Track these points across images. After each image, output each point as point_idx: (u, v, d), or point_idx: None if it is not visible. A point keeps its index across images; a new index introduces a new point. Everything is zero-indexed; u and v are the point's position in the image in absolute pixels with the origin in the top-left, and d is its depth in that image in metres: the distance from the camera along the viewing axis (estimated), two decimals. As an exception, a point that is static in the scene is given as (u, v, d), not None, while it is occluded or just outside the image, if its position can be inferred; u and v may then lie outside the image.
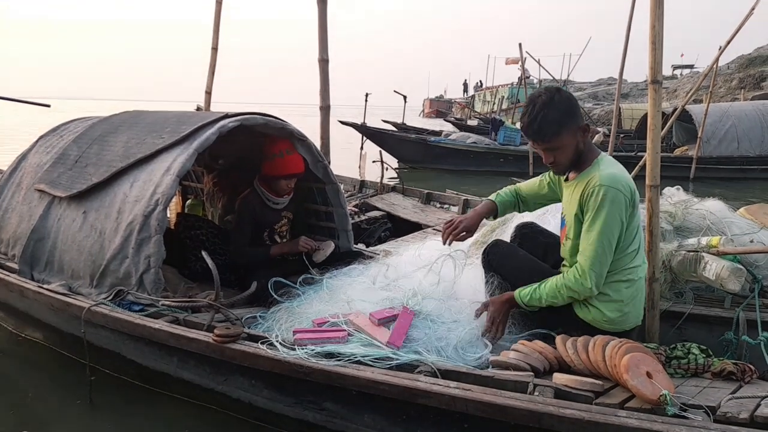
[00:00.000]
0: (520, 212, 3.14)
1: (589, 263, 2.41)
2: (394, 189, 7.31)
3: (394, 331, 2.47)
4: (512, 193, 2.97)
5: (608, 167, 2.49)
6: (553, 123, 2.44)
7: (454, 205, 6.63)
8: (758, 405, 1.90)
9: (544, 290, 2.52)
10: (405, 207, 6.66)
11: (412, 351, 2.39)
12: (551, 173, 2.84)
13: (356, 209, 6.26)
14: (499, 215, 2.98)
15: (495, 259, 2.80)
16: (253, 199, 3.71)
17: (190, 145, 3.18)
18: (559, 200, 2.86)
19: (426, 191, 7.03)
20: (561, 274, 2.54)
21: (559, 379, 2.11)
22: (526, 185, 2.99)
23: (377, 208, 6.49)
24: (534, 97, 2.53)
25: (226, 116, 3.35)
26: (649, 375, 1.99)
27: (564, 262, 2.72)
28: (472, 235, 2.89)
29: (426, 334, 2.52)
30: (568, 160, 2.54)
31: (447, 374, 2.22)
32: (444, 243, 2.84)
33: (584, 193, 2.46)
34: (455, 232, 2.79)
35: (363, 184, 7.70)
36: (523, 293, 2.56)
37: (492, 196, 2.97)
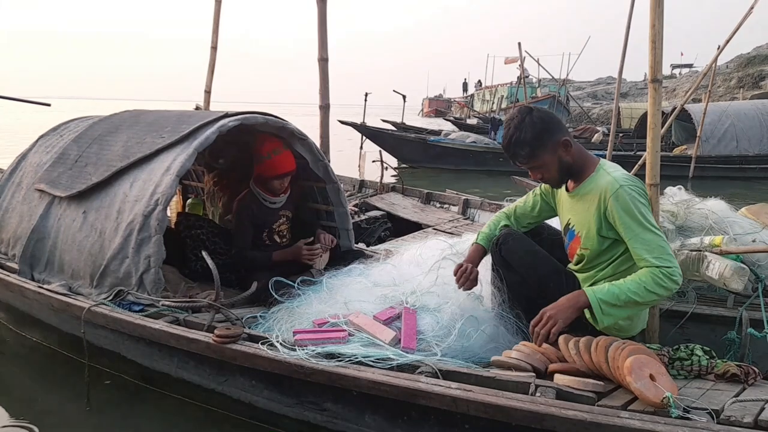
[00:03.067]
0: None
1: (668, 257, 2.28)
2: (393, 188, 7.30)
3: (404, 334, 2.46)
4: (496, 225, 2.89)
5: (616, 170, 2.47)
6: (524, 145, 2.46)
7: (453, 205, 6.62)
8: (762, 409, 1.90)
9: (626, 285, 2.29)
10: (405, 206, 6.64)
11: (422, 346, 2.40)
12: (542, 186, 2.83)
13: (356, 209, 6.25)
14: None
15: (510, 252, 2.65)
16: (251, 200, 3.70)
17: (190, 144, 3.17)
18: (556, 215, 2.82)
19: (426, 191, 7.02)
20: (637, 274, 2.32)
21: (561, 379, 2.11)
22: (517, 208, 2.91)
23: (377, 208, 6.48)
24: (508, 119, 2.55)
25: (226, 115, 3.34)
26: (652, 377, 1.98)
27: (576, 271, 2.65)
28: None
29: (428, 322, 2.54)
30: (555, 174, 2.54)
31: (448, 375, 2.21)
32: (460, 288, 2.70)
33: (603, 200, 2.40)
34: (471, 278, 2.69)
35: (362, 183, 7.69)
36: (598, 288, 2.34)
37: (475, 239, 2.89)
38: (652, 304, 2.44)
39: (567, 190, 2.66)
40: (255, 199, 3.70)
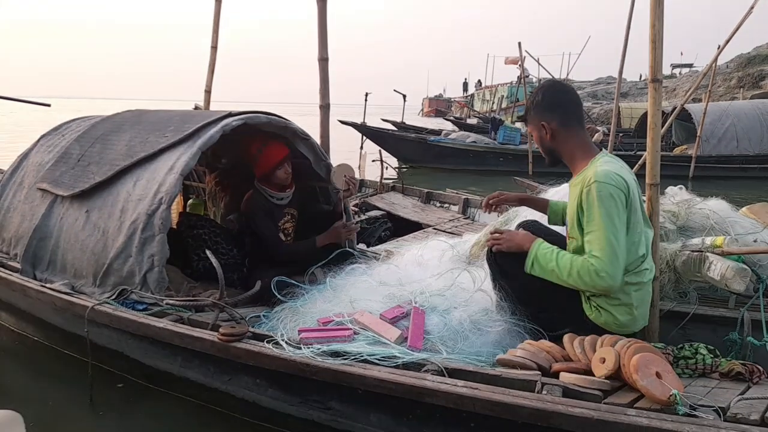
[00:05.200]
0: (562, 225, 3.01)
1: (605, 257, 2.33)
2: (393, 188, 7.30)
3: (412, 333, 2.46)
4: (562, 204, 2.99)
5: (604, 164, 2.48)
6: (527, 105, 2.76)
7: (454, 204, 6.62)
8: (769, 406, 1.90)
9: (560, 258, 2.45)
10: (405, 206, 6.65)
11: (427, 346, 2.41)
12: None
13: (356, 209, 6.25)
14: (549, 217, 3.05)
15: (504, 257, 2.68)
16: (259, 198, 3.71)
17: (193, 143, 3.17)
18: None
19: (426, 190, 7.02)
20: (577, 257, 2.45)
21: (567, 377, 2.11)
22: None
23: (377, 208, 6.49)
24: None
25: (230, 115, 3.34)
26: (658, 375, 1.98)
27: None
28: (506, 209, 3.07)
29: (435, 323, 2.56)
30: (540, 147, 2.72)
31: (454, 373, 2.21)
32: (485, 210, 3.12)
33: (581, 191, 2.45)
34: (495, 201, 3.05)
35: (363, 183, 7.69)
36: (543, 246, 2.53)
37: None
38: (573, 287, 2.48)
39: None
40: (262, 197, 3.72)
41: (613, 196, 2.36)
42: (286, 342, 2.43)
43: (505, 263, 2.68)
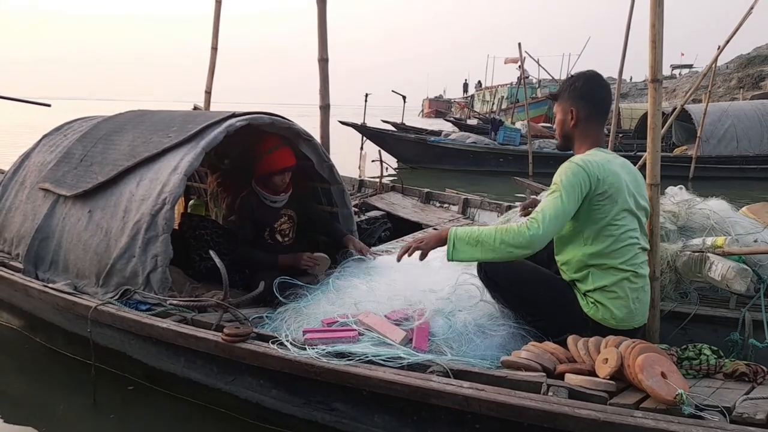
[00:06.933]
0: None
1: (540, 216, 2.40)
2: (393, 188, 7.29)
3: (417, 335, 2.47)
4: None
5: (591, 155, 2.56)
6: (564, 85, 2.78)
7: (453, 204, 6.61)
8: (774, 406, 1.90)
9: (483, 231, 2.48)
10: (405, 206, 6.63)
11: (432, 348, 2.42)
12: None
13: (356, 209, 6.24)
14: None
15: (494, 271, 2.72)
16: (251, 199, 3.72)
17: (197, 143, 3.17)
18: None
19: (426, 191, 7.01)
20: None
21: (573, 379, 2.10)
22: None
23: (377, 208, 6.47)
24: None
25: (234, 115, 3.35)
26: (663, 375, 1.99)
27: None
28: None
29: (440, 326, 2.56)
30: (558, 129, 2.76)
31: (459, 374, 2.21)
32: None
33: None
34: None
35: (362, 183, 7.68)
36: (460, 228, 2.55)
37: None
38: (501, 254, 2.46)
39: None
40: (256, 198, 3.73)
41: (577, 172, 2.46)
42: (290, 342, 2.43)
43: (496, 275, 2.71)
